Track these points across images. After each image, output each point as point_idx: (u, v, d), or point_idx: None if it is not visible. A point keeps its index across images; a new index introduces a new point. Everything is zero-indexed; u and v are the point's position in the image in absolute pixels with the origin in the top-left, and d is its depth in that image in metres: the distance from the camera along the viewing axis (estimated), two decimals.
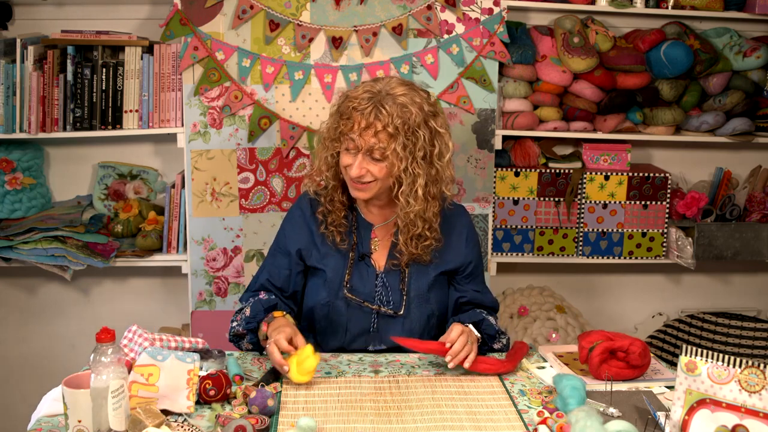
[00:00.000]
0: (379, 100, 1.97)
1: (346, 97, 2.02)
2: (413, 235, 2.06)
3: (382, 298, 2.09)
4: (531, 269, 3.34)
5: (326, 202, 2.11)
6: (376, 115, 1.95)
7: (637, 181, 3.09)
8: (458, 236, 2.16)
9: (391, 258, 2.11)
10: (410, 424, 1.67)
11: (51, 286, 3.20)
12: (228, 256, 2.90)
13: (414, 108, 1.97)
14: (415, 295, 2.09)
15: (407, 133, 1.97)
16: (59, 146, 3.10)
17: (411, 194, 2.01)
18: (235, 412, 1.69)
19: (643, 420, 1.66)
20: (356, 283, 2.09)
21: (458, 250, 2.15)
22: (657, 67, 2.99)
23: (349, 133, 1.98)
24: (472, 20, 2.87)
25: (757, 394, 1.48)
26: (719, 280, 3.47)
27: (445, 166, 2.05)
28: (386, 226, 2.14)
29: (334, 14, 2.82)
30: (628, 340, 1.90)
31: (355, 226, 2.13)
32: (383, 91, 1.98)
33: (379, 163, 1.99)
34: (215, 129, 2.83)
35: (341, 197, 2.11)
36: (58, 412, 1.64)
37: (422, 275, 2.11)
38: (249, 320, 2.05)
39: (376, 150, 1.97)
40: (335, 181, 2.10)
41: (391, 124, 1.95)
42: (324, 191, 2.13)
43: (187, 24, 2.77)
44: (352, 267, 2.10)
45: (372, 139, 1.96)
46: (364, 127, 1.96)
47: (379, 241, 2.13)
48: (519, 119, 3.00)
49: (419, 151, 1.98)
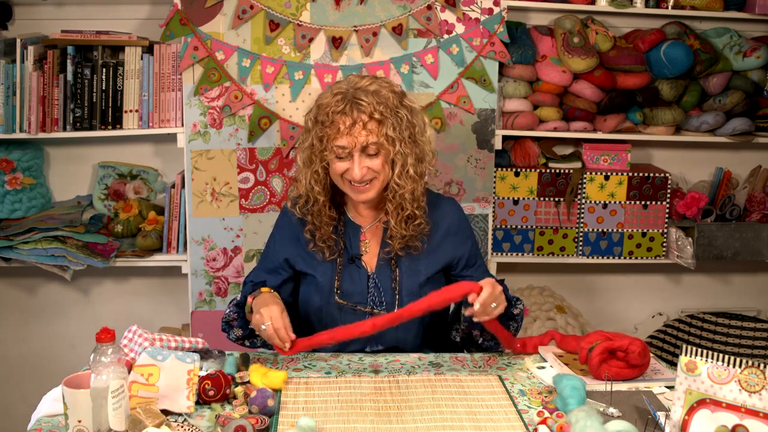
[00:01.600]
0: (353, 96, 1.97)
1: (318, 107, 2.01)
2: (403, 218, 2.05)
3: (375, 299, 2.08)
4: (531, 269, 3.34)
5: (314, 220, 2.08)
6: (357, 110, 1.96)
7: (637, 181, 3.09)
8: (446, 232, 2.13)
9: (384, 246, 2.10)
10: (410, 424, 1.67)
11: (51, 286, 3.20)
12: (228, 256, 2.90)
13: (386, 91, 2.00)
14: (407, 294, 2.07)
15: (392, 115, 1.98)
16: (59, 146, 3.10)
17: (403, 175, 2.01)
18: (235, 412, 1.69)
19: (643, 420, 1.66)
20: (348, 287, 2.08)
21: (447, 245, 2.13)
22: (657, 67, 2.99)
23: (337, 139, 1.97)
24: (472, 20, 2.87)
25: (757, 394, 1.48)
26: (719, 280, 3.47)
27: (426, 141, 2.06)
28: (375, 226, 2.13)
29: (334, 14, 2.82)
30: (628, 339, 1.90)
31: (343, 231, 2.12)
32: (350, 88, 1.99)
33: (375, 158, 1.99)
34: (215, 129, 2.83)
35: (329, 212, 2.09)
36: (58, 412, 1.64)
37: (413, 274, 2.09)
38: (239, 302, 2.06)
39: (370, 145, 1.97)
40: (324, 196, 2.07)
41: (375, 111, 1.96)
42: (313, 208, 2.08)
43: (187, 24, 2.77)
44: (342, 271, 2.09)
45: (362, 133, 1.96)
46: (351, 124, 1.96)
47: (368, 242, 2.12)
48: (519, 119, 3.00)
49: (405, 130, 2.00)
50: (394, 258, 2.09)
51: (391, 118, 1.98)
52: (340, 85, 2.02)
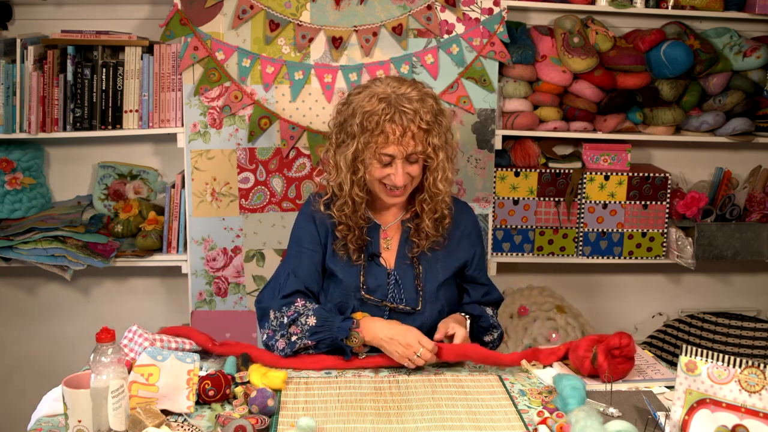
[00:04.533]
0: (397, 103, 1.96)
1: (364, 114, 1.97)
2: (435, 219, 2.09)
3: (395, 296, 2.10)
4: (531, 269, 3.34)
5: (348, 221, 2.07)
6: (406, 119, 1.95)
7: (637, 181, 3.09)
8: (462, 234, 2.17)
9: (403, 252, 2.12)
10: (410, 424, 1.67)
11: (51, 286, 3.20)
12: (228, 256, 2.90)
13: (428, 98, 2.01)
14: (428, 292, 2.10)
15: (435, 124, 2.00)
16: (59, 146, 3.10)
17: (442, 180, 2.04)
18: (235, 412, 1.69)
19: (643, 420, 1.66)
20: (370, 283, 2.09)
21: (463, 246, 2.17)
22: (657, 67, 2.99)
23: (386, 147, 1.97)
24: (472, 20, 2.87)
25: (757, 394, 1.48)
26: (719, 280, 3.47)
27: (455, 143, 2.11)
28: (396, 224, 2.15)
29: (334, 14, 2.82)
30: (613, 335, 1.89)
31: (365, 230, 2.14)
32: (393, 93, 1.98)
33: (414, 165, 2.02)
34: (215, 129, 2.83)
35: (365, 214, 2.10)
36: (58, 412, 1.64)
37: (432, 274, 2.12)
38: (319, 330, 1.96)
39: (416, 153, 1.99)
40: (364, 200, 2.07)
41: (422, 121, 1.96)
42: (348, 211, 2.07)
43: (187, 24, 2.77)
44: (366, 269, 2.10)
45: (411, 143, 1.97)
46: (401, 134, 1.96)
47: (390, 240, 2.14)
48: (519, 119, 3.00)
49: (444, 135, 2.03)
50: (417, 256, 2.11)
51: (436, 127, 2.00)
52: (379, 89, 2.00)
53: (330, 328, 1.95)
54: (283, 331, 1.97)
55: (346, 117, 2.03)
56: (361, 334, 1.94)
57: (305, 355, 1.97)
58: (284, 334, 1.97)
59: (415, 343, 1.90)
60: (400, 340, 1.90)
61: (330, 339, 1.95)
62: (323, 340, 1.95)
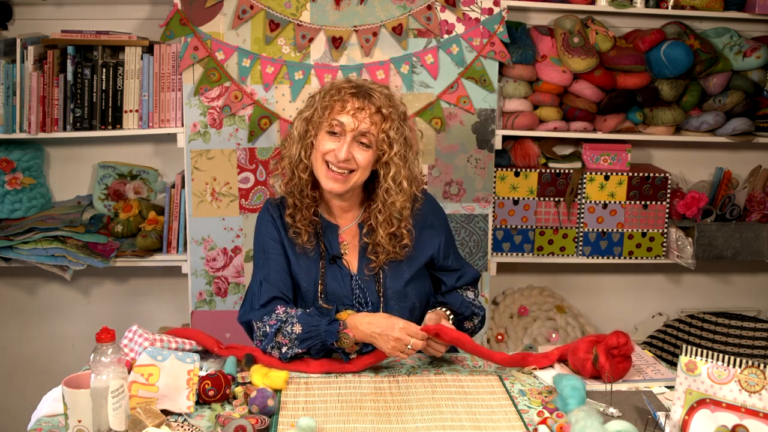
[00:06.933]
0: (367, 89, 2.00)
1: (331, 85, 2.03)
2: (389, 234, 2.04)
3: (360, 300, 2.07)
4: (531, 269, 3.34)
5: (296, 197, 2.05)
6: (369, 99, 1.98)
7: (637, 181, 3.09)
8: (423, 226, 2.12)
9: (365, 261, 2.08)
10: (410, 424, 1.67)
11: (51, 286, 3.20)
12: (228, 256, 2.90)
13: (397, 101, 2.04)
14: (392, 293, 2.07)
15: (397, 120, 2.01)
16: (59, 146, 3.10)
17: (395, 186, 2.00)
18: (235, 412, 1.69)
19: (643, 420, 1.66)
20: (332, 287, 2.06)
21: (425, 239, 2.12)
22: (657, 67, 2.99)
23: (341, 114, 1.97)
24: (472, 20, 2.87)
25: (757, 394, 1.48)
26: (719, 280, 3.47)
27: (418, 170, 2.09)
28: (352, 229, 2.11)
29: (334, 14, 2.82)
30: (611, 335, 1.89)
31: (321, 232, 2.10)
32: (364, 85, 2.02)
33: (366, 150, 1.99)
34: (215, 129, 2.84)
35: (310, 192, 2.06)
36: (58, 412, 1.64)
37: (397, 274, 2.08)
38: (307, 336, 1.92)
39: (368, 134, 1.97)
40: (308, 175, 2.04)
41: (384, 107, 1.98)
42: (294, 185, 2.05)
43: (187, 24, 2.77)
44: (325, 274, 2.07)
45: (366, 120, 1.97)
46: (358, 108, 1.97)
47: (348, 245, 2.11)
48: (519, 119, 3.00)
49: (403, 145, 2.02)
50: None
51: (395, 123, 2.00)
52: (355, 80, 2.05)
53: (317, 333, 1.92)
54: (270, 342, 1.94)
55: (314, 95, 2.07)
56: (351, 334, 1.91)
57: (308, 359, 1.95)
58: (273, 345, 1.94)
59: (404, 336, 1.88)
60: (390, 334, 1.88)
61: (320, 344, 1.92)
62: (313, 346, 1.92)
